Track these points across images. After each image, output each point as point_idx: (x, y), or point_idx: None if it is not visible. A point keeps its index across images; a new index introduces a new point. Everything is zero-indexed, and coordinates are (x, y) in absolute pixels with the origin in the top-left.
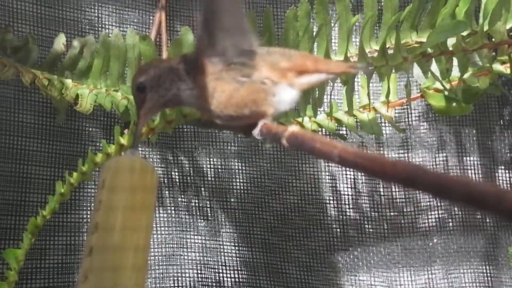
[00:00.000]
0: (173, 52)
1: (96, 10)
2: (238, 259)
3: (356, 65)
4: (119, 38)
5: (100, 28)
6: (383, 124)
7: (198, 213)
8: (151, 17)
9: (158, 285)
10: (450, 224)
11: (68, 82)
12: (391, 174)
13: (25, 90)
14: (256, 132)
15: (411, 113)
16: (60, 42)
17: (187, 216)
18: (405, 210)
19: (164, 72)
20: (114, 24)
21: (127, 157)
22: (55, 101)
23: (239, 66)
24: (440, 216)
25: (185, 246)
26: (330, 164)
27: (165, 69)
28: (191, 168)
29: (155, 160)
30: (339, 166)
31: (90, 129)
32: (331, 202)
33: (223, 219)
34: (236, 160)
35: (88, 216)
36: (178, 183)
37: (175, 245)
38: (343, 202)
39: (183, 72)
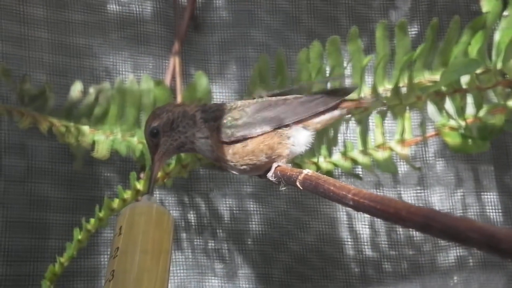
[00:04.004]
0: (187, 96)
1: (111, 57)
2: None
3: (367, 100)
4: (134, 84)
5: (115, 75)
6: (399, 162)
7: (215, 255)
8: (166, 62)
9: None
10: (471, 262)
11: (85, 129)
12: (406, 219)
13: (42, 137)
14: (270, 174)
15: (427, 151)
16: (76, 89)
17: (204, 259)
18: (424, 248)
19: (178, 117)
20: (129, 70)
21: (143, 203)
22: (72, 148)
23: None
24: (460, 254)
25: None
26: None
27: (179, 114)
28: (207, 210)
29: (171, 202)
30: None
31: (107, 174)
32: (349, 241)
33: (240, 261)
34: (252, 201)
35: (106, 261)
36: (194, 226)
37: None
38: (361, 241)
39: (200, 120)
